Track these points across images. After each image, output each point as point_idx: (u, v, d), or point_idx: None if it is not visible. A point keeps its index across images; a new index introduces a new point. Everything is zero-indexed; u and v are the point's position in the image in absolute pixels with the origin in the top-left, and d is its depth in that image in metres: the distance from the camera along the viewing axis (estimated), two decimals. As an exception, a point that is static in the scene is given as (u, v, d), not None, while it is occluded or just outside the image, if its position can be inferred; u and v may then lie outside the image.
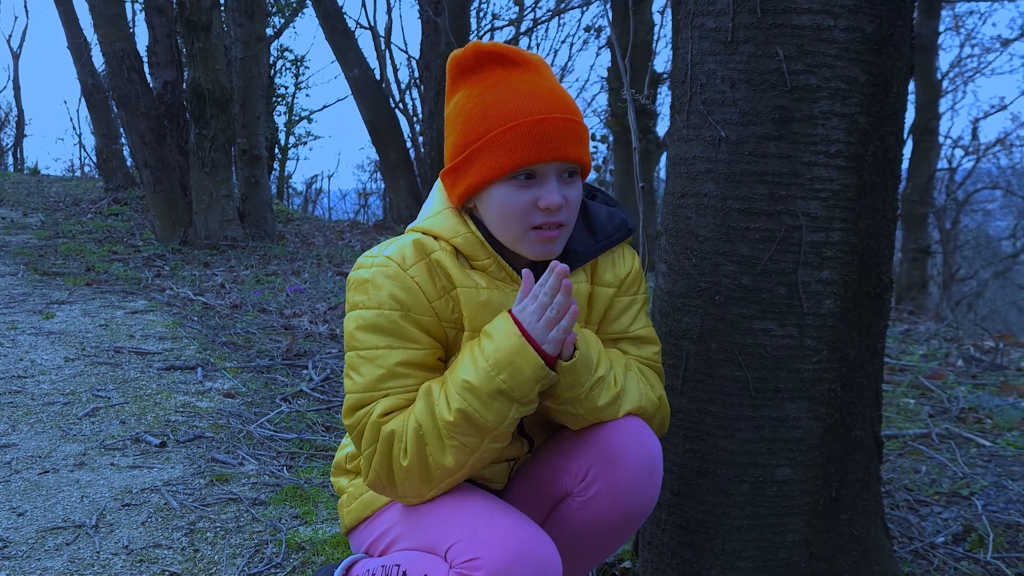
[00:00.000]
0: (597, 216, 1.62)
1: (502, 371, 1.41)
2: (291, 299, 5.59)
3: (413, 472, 1.46)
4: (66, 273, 6.24)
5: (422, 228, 1.54)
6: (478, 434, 1.44)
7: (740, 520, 1.82)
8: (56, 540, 2.29)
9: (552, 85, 1.49)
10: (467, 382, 1.43)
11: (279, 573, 2.14)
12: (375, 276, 1.49)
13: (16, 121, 22.03)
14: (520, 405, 1.45)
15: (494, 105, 1.46)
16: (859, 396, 1.84)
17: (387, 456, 1.47)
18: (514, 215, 1.47)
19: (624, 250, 1.66)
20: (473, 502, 1.49)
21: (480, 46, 1.50)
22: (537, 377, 1.43)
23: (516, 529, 1.40)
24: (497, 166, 1.44)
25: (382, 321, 1.47)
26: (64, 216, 9.47)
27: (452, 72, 1.53)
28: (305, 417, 3.30)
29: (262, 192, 8.41)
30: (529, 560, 1.36)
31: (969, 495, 2.58)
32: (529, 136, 1.43)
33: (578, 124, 1.47)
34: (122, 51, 7.54)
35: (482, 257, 1.51)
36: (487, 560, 1.36)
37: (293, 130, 17.04)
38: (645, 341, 1.66)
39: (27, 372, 3.78)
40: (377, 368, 1.48)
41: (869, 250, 1.78)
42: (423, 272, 1.49)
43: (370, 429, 1.48)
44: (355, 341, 1.50)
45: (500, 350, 1.42)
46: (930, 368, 4.14)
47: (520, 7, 11.26)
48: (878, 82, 1.72)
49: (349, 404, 1.50)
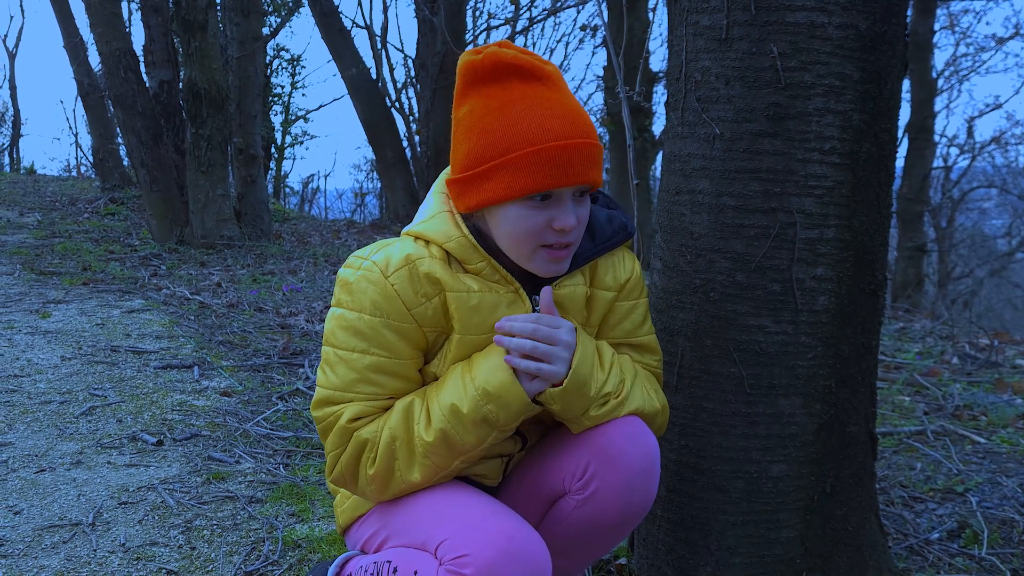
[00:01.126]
0: (597, 219, 1.61)
1: (490, 401, 1.45)
2: (287, 298, 5.59)
3: (377, 480, 1.52)
4: (63, 272, 6.23)
5: (415, 232, 1.54)
6: (452, 455, 1.49)
7: (735, 516, 1.82)
8: (53, 538, 2.29)
9: (572, 105, 1.47)
10: (455, 406, 1.46)
11: (275, 571, 2.14)
12: (359, 280, 1.50)
13: (12, 120, 22.01)
14: (500, 432, 1.50)
15: (516, 124, 1.43)
16: (853, 392, 1.85)
17: (355, 461, 1.52)
18: (527, 235, 1.46)
19: (624, 254, 1.66)
20: (464, 500, 1.50)
21: (500, 55, 1.46)
22: (523, 411, 1.48)
23: (505, 527, 1.41)
24: (517, 187, 1.43)
25: (362, 325, 1.49)
26: (61, 216, 9.46)
27: (466, 76, 1.49)
28: (301, 415, 3.30)
29: (258, 191, 8.40)
30: (518, 557, 1.37)
31: (964, 491, 2.59)
32: (552, 161, 1.42)
33: (596, 147, 1.46)
34: (118, 50, 7.53)
35: (475, 261, 1.51)
36: (476, 557, 1.36)
37: (289, 129, 17.05)
38: (647, 348, 1.67)
39: (24, 371, 3.78)
40: (351, 371, 1.50)
41: (863, 247, 1.79)
42: (404, 280, 1.49)
43: (339, 432, 1.51)
44: (334, 338, 1.52)
45: (490, 382, 1.46)
46: (925, 366, 4.15)
47: (516, 6, 11.27)
48: (872, 79, 1.73)
49: (320, 398, 1.54)
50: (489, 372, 1.46)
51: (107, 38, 7.57)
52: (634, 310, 1.65)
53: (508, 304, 1.52)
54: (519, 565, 1.37)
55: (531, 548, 1.40)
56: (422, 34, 10.09)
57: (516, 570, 1.36)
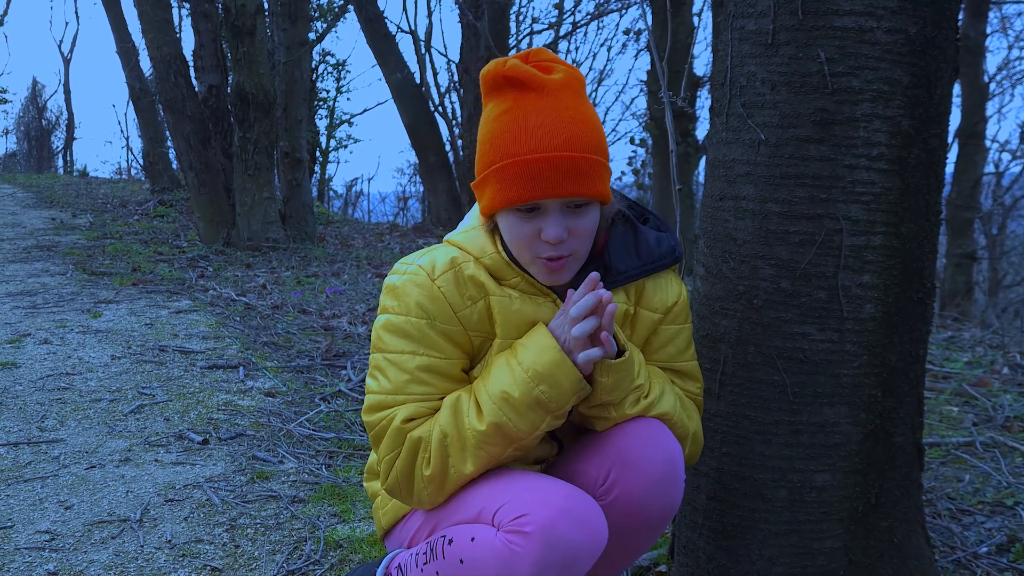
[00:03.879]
0: (646, 239, 1.62)
1: (541, 382, 1.45)
2: (331, 300, 5.66)
3: (434, 480, 1.51)
4: (113, 273, 6.37)
5: (456, 243, 1.57)
6: (505, 443, 1.49)
7: (777, 525, 1.80)
8: (102, 533, 2.34)
9: (565, 116, 1.45)
10: (505, 393, 1.46)
11: (317, 570, 2.17)
12: (405, 284, 1.53)
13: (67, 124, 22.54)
14: (553, 418, 1.49)
15: (500, 135, 1.46)
16: (900, 402, 1.82)
17: (410, 463, 1.52)
18: (520, 243, 1.49)
19: (671, 278, 1.66)
20: (513, 473, 1.52)
21: (499, 66, 1.49)
22: (575, 390, 1.47)
23: (561, 488, 1.43)
24: (501, 198, 1.46)
25: (409, 327, 1.51)
26: (112, 217, 9.67)
27: (481, 85, 1.54)
28: (343, 417, 3.33)
29: (303, 195, 8.51)
30: (576, 515, 1.39)
31: (1014, 505, 2.53)
32: (525, 174, 1.43)
33: (579, 159, 1.43)
34: (169, 56, 7.68)
35: (510, 277, 1.54)
36: (535, 515, 1.38)
37: (334, 133, 17.22)
38: (688, 375, 1.68)
39: (75, 369, 3.87)
40: (402, 372, 1.51)
41: (911, 254, 1.76)
42: (450, 282, 1.51)
43: (393, 435, 1.51)
44: (382, 343, 1.54)
45: (539, 363, 1.46)
46: (975, 376, 4.06)
47: (560, 10, 11.27)
48: (921, 84, 1.70)
49: (372, 403, 1.54)
50: (537, 353, 1.47)
51: (158, 43, 7.72)
52: (679, 335, 1.66)
53: (549, 313, 1.54)
54: (577, 522, 1.39)
55: (587, 507, 1.42)
56: (466, 39, 10.13)
57: (574, 526, 1.38)
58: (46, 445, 2.97)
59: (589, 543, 1.39)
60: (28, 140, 23.61)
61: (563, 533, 1.37)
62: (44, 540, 2.29)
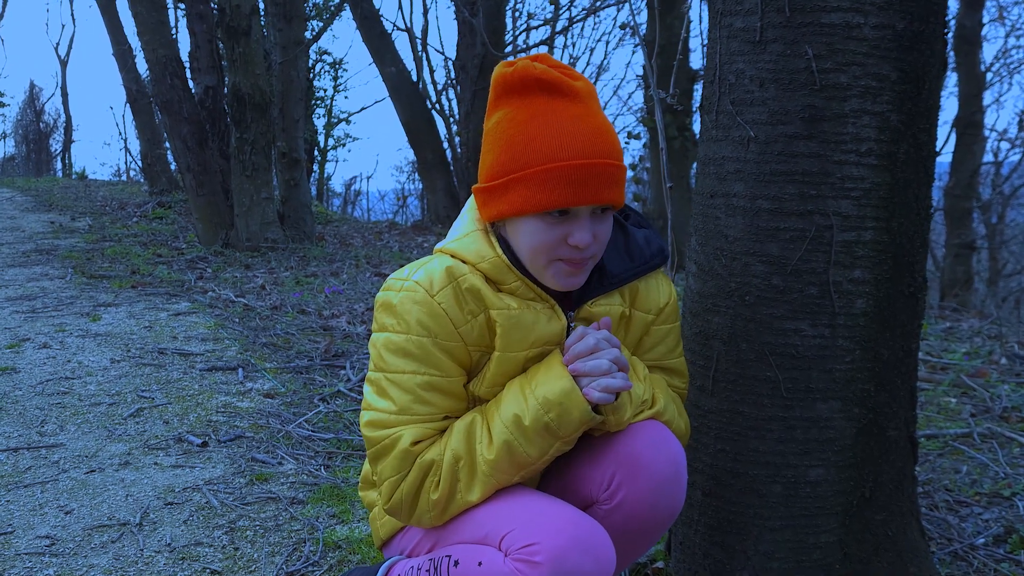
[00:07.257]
0: (635, 239, 1.63)
1: (551, 410, 1.46)
2: (330, 300, 5.66)
3: (439, 505, 1.51)
4: (112, 276, 6.38)
5: (450, 251, 1.55)
6: (514, 469, 1.50)
7: (773, 521, 1.81)
8: (102, 538, 2.35)
9: (596, 123, 1.47)
10: (517, 417, 1.47)
11: (316, 571, 2.18)
12: (403, 301, 1.50)
13: (64, 127, 22.53)
14: (563, 444, 1.50)
15: (536, 139, 1.45)
16: (893, 396, 1.83)
17: (418, 486, 1.51)
18: (543, 248, 1.48)
19: (661, 278, 1.68)
20: (519, 494, 1.52)
21: (530, 69, 1.47)
22: (584, 420, 1.48)
23: (569, 514, 1.44)
24: (534, 202, 1.45)
25: (411, 346, 1.50)
26: (110, 220, 9.67)
27: (497, 88, 1.51)
28: (342, 417, 3.34)
29: (301, 194, 8.51)
30: (586, 543, 1.40)
31: (1011, 496, 2.54)
32: (568, 179, 1.43)
33: (617, 167, 1.47)
34: (165, 57, 7.68)
35: (510, 281, 1.53)
36: (545, 545, 1.38)
37: (332, 132, 17.22)
38: (676, 372, 1.71)
39: (75, 373, 3.88)
40: (404, 392, 1.50)
41: (902, 249, 1.77)
42: (450, 298, 1.50)
43: (401, 457, 1.50)
44: (383, 362, 1.52)
45: (551, 390, 1.47)
46: (973, 366, 4.06)
47: (556, 6, 11.25)
48: (910, 79, 1.71)
49: (374, 420, 1.52)
50: (549, 381, 1.48)
51: (154, 45, 7.72)
52: (669, 334, 1.68)
53: (547, 320, 1.54)
54: (588, 551, 1.39)
55: (596, 534, 1.42)
56: (462, 36, 10.12)
57: (585, 556, 1.39)
58: (46, 450, 2.98)
59: (598, 572, 1.40)
60: (26, 143, 23.59)
61: (574, 564, 1.37)
62: (44, 545, 2.30)
